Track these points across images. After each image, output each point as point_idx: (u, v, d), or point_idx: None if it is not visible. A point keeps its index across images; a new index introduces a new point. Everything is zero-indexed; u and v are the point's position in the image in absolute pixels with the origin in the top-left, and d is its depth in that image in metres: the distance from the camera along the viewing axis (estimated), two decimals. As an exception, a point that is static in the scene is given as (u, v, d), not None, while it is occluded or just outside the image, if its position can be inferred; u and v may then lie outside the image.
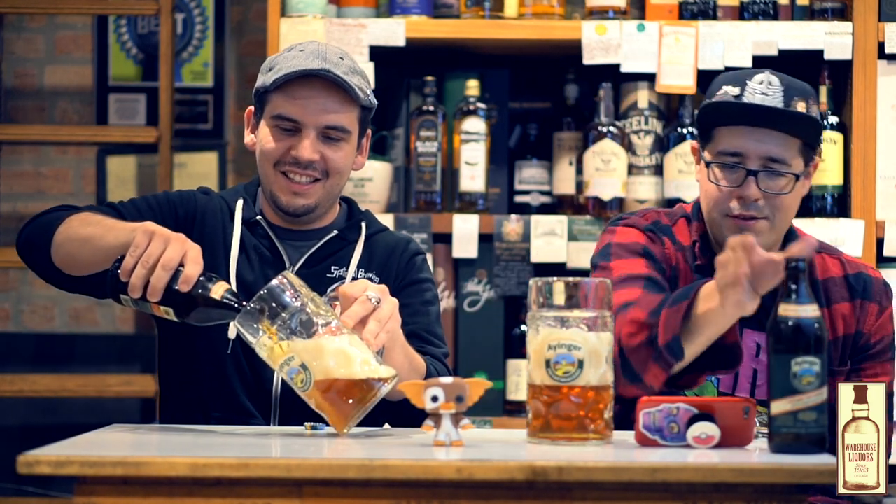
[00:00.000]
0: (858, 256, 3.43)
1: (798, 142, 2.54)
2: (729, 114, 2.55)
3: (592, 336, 2.04)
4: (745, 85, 2.54)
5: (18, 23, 4.43)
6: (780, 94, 2.52)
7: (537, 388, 2.04)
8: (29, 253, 2.50)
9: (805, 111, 2.52)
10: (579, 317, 2.04)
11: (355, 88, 2.55)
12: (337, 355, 2.13)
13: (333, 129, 2.56)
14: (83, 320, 4.38)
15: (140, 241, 2.20)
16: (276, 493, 1.86)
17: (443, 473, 1.84)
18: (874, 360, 2.63)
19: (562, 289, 2.04)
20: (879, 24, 3.46)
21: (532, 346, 2.05)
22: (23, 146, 4.40)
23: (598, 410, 2.04)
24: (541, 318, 2.05)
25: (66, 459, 1.85)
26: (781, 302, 2.01)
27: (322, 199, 2.60)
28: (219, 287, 2.20)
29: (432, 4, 3.58)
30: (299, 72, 2.52)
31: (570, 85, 3.72)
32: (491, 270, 3.54)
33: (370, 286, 2.26)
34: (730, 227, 2.56)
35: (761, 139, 2.52)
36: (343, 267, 2.62)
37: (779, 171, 2.53)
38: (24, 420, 4.30)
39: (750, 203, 2.53)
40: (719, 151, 2.56)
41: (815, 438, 1.97)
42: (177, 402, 2.61)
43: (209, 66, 4.42)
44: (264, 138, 2.59)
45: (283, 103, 2.56)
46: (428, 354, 2.52)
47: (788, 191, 2.54)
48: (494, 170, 3.67)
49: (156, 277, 2.18)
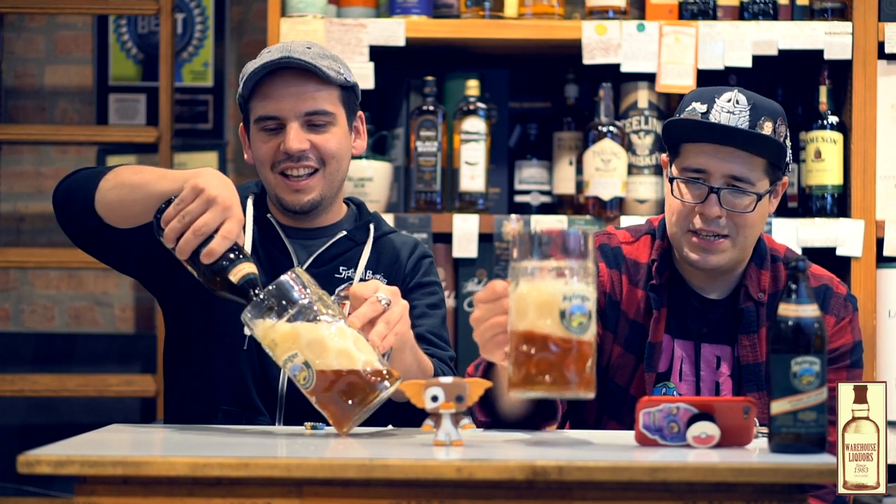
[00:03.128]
0: (858, 257, 3.43)
1: (763, 162, 2.55)
2: (694, 131, 2.56)
3: (592, 289, 1.98)
4: (713, 103, 2.55)
5: (18, 23, 4.43)
6: (747, 115, 2.53)
7: (543, 337, 1.96)
8: (67, 200, 2.45)
9: (771, 132, 2.54)
10: (576, 267, 1.97)
11: (324, 69, 2.55)
12: (340, 355, 2.13)
13: (315, 114, 2.57)
14: (83, 320, 4.38)
15: (187, 195, 2.18)
16: (276, 493, 1.86)
17: (443, 473, 1.84)
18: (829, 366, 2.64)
19: (554, 239, 1.97)
20: (879, 24, 3.46)
21: (535, 295, 1.96)
22: (23, 146, 4.39)
23: (593, 361, 2.00)
24: (536, 268, 1.96)
25: (66, 459, 1.85)
26: (781, 302, 2.01)
27: (325, 191, 2.61)
28: (239, 270, 2.18)
29: (432, 4, 3.58)
30: (262, 67, 2.54)
31: (570, 85, 3.72)
32: (491, 270, 3.54)
33: (381, 287, 2.26)
34: (690, 244, 2.57)
35: (725, 158, 2.53)
36: (351, 268, 2.63)
37: (742, 189, 2.54)
38: (24, 420, 4.30)
39: (712, 220, 2.54)
40: (684, 167, 2.58)
41: (815, 438, 1.97)
42: (183, 395, 2.60)
43: (209, 66, 4.42)
44: (255, 145, 2.61)
45: (260, 105, 2.58)
46: (434, 357, 2.52)
47: (751, 210, 2.54)
48: (494, 170, 3.67)
49: (185, 239, 2.17)
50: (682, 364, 2.62)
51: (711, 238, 2.55)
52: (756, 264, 2.63)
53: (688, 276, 2.64)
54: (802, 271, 2.01)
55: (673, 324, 2.63)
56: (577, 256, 1.97)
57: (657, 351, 2.60)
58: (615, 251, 2.66)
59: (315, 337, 2.13)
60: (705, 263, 2.56)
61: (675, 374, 2.61)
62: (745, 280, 2.61)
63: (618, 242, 2.68)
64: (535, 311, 1.96)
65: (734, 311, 2.61)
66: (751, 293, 2.60)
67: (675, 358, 2.62)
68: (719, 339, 2.62)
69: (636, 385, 2.60)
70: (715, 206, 2.54)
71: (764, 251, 2.64)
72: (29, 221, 4.40)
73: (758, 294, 2.60)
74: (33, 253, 4.20)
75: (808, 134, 3.52)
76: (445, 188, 3.61)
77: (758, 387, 2.57)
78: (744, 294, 2.61)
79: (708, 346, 2.62)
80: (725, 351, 2.61)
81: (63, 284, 4.40)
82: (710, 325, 2.62)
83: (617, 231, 2.73)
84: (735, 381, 2.60)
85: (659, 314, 2.61)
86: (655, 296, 2.61)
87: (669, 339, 2.62)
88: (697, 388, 2.60)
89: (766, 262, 2.63)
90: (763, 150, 2.53)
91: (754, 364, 2.59)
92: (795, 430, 1.97)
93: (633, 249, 2.67)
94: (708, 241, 2.55)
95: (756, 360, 2.59)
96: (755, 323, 2.60)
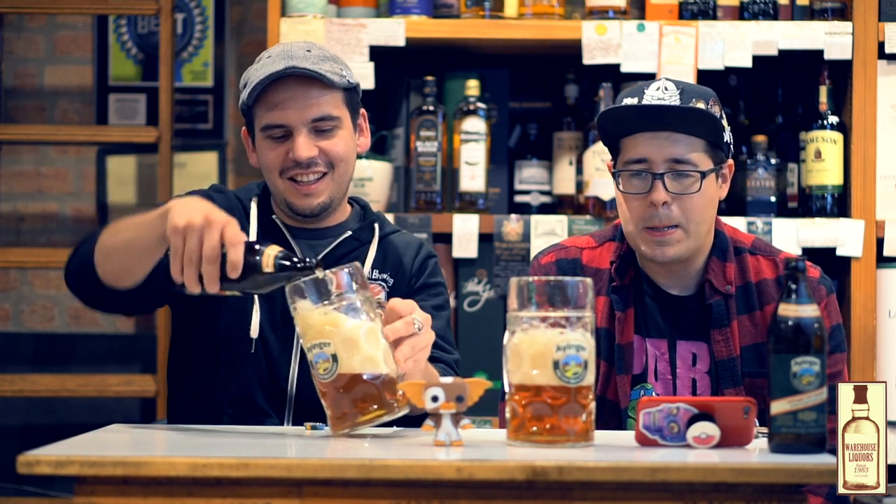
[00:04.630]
0: (858, 257, 3.43)
1: (702, 141, 2.56)
2: (628, 121, 2.57)
3: (589, 337, 2.04)
4: (642, 94, 2.57)
5: (18, 23, 4.43)
6: (677, 97, 2.55)
7: (536, 389, 2.03)
8: (79, 284, 2.46)
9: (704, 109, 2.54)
10: (574, 317, 2.03)
11: (327, 74, 2.55)
12: (367, 361, 2.13)
13: (321, 119, 2.57)
14: (83, 320, 4.38)
15: (175, 243, 2.13)
16: (276, 493, 1.86)
17: (443, 473, 1.84)
18: None
19: (549, 289, 2.03)
20: (879, 24, 3.46)
21: (525, 347, 2.02)
22: (23, 146, 4.39)
23: (590, 410, 2.05)
24: (531, 318, 2.02)
25: (66, 459, 1.85)
26: (781, 302, 2.01)
27: (335, 193, 2.61)
28: (267, 258, 2.14)
29: (432, 4, 3.58)
30: (267, 77, 2.53)
31: (570, 85, 3.73)
32: (491, 270, 3.54)
33: (418, 310, 2.25)
34: (645, 240, 2.58)
35: (663, 143, 2.55)
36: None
37: (683, 171, 2.55)
38: (24, 420, 4.30)
39: (661, 209, 2.54)
40: (626, 161, 2.59)
41: (815, 438, 1.97)
42: (188, 398, 2.60)
43: (209, 66, 4.42)
44: (262, 152, 2.60)
45: (265, 113, 2.57)
46: (441, 361, 2.53)
47: (696, 190, 2.55)
48: (494, 170, 3.67)
49: (206, 275, 2.13)
50: (657, 363, 2.62)
51: (663, 229, 2.56)
52: (718, 258, 2.62)
53: (652, 274, 2.65)
54: (802, 271, 2.01)
55: (643, 324, 2.63)
56: (575, 307, 2.02)
57: (627, 353, 2.60)
58: (573, 263, 2.68)
59: (352, 336, 2.12)
60: (663, 256, 2.57)
61: (650, 375, 2.61)
62: (707, 275, 2.61)
63: (576, 253, 2.70)
64: (529, 362, 2.01)
65: (704, 307, 2.61)
66: (717, 287, 2.60)
67: (648, 357, 2.62)
68: (694, 335, 2.62)
69: (612, 390, 2.60)
70: (661, 192, 2.54)
71: (725, 244, 2.64)
72: (29, 221, 4.40)
73: (725, 287, 2.60)
74: (33, 253, 4.20)
75: (808, 134, 3.52)
76: (445, 188, 3.61)
77: (734, 382, 2.57)
78: (710, 289, 2.60)
79: (683, 344, 2.62)
80: (702, 348, 2.61)
81: (63, 284, 4.38)
82: (682, 323, 2.62)
83: (576, 239, 2.74)
84: (712, 377, 2.60)
85: (624, 315, 2.61)
86: (618, 297, 2.62)
87: (641, 340, 2.62)
88: (674, 386, 2.60)
89: (730, 254, 2.63)
90: (698, 127, 2.54)
91: (729, 359, 2.58)
92: (795, 430, 1.97)
93: (596, 255, 2.68)
94: (661, 233, 2.56)
95: (730, 354, 2.58)
96: (726, 317, 2.59)
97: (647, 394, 2.60)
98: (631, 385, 2.60)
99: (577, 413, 2.01)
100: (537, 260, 2.73)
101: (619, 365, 2.59)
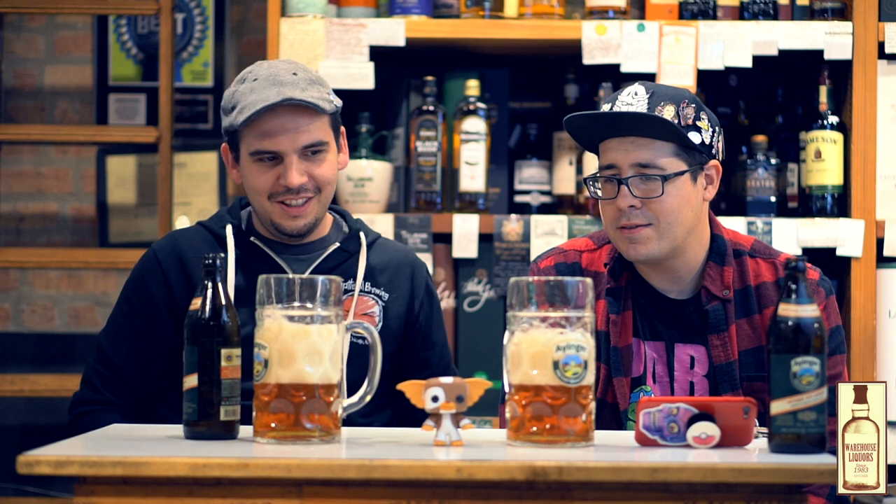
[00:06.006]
0: (858, 257, 3.43)
1: (669, 145, 2.56)
2: (592, 128, 2.60)
3: (589, 337, 2.04)
4: (615, 100, 2.59)
5: (18, 23, 4.43)
6: (645, 102, 2.56)
7: (536, 389, 2.03)
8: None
9: (673, 115, 2.54)
10: (573, 317, 2.03)
11: (319, 103, 2.58)
12: (296, 376, 2.05)
13: (311, 146, 2.60)
14: (83, 320, 4.38)
15: None
16: (276, 493, 1.86)
17: (443, 473, 1.84)
18: None
19: (549, 289, 2.04)
20: (879, 24, 3.46)
21: (525, 347, 2.03)
22: (23, 146, 4.39)
23: (590, 410, 2.05)
24: (530, 318, 2.03)
25: (66, 459, 1.85)
26: (781, 302, 2.01)
27: (320, 213, 2.66)
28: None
29: (432, 4, 3.58)
30: (263, 108, 2.55)
31: (570, 85, 3.72)
32: (491, 270, 3.54)
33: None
34: (620, 238, 2.59)
35: (629, 148, 2.56)
36: (350, 279, 2.66)
37: (646, 175, 2.55)
38: (24, 420, 4.30)
39: (629, 211, 2.55)
40: (599, 167, 2.61)
41: (815, 438, 1.97)
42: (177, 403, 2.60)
43: (209, 65, 4.42)
44: (250, 175, 2.62)
45: (256, 140, 2.60)
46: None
47: (658, 194, 2.55)
48: (494, 170, 3.67)
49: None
50: (655, 366, 2.61)
51: (633, 227, 2.56)
52: (715, 262, 2.62)
53: (649, 277, 2.64)
54: (802, 271, 2.01)
55: (640, 326, 2.63)
56: (574, 306, 2.03)
57: (625, 355, 2.60)
58: (572, 267, 2.68)
59: (288, 347, 2.05)
60: (636, 255, 2.57)
61: (648, 377, 2.61)
62: (704, 280, 2.61)
63: (575, 257, 2.70)
64: (529, 362, 2.02)
65: (702, 312, 2.61)
66: (714, 292, 2.60)
67: (647, 360, 2.62)
68: (692, 339, 2.62)
69: (611, 393, 2.60)
70: (626, 197, 2.55)
71: (724, 247, 2.63)
72: (29, 221, 4.40)
73: (722, 292, 2.60)
74: (33, 253, 4.20)
75: (808, 134, 3.52)
76: (445, 188, 3.61)
77: (732, 387, 2.56)
78: (706, 294, 2.60)
79: (681, 346, 2.61)
80: (700, 351, 2.61)
81: (63, 284, 4.40)
82: (679, 326, 2.62)
83: (575, 241, 2.75)
84: (710, 381, 2.60)
85: (620, 318, 2.61)
86: (613, 299, 2.62)
87: (639, 343, 2.62)
88: (672, 389, 2.60)
89: (728, 258, 2.62)
90: (658, 131, 2.54)
91: (727, 364, 2.58)
92: (795, 431, 1.97)
93: (595, 258, 2.69)
94: (630, 230, 2.56)
95: (728, 359, 2.58)
96: (723, 321, 2.59)
97: (647, 395, 2.59)
98: (630, 388, 2.60)
99: (576, 413, 2.02)
100: (536, 264, 2.73)
101: (617, 367, 2.59)
